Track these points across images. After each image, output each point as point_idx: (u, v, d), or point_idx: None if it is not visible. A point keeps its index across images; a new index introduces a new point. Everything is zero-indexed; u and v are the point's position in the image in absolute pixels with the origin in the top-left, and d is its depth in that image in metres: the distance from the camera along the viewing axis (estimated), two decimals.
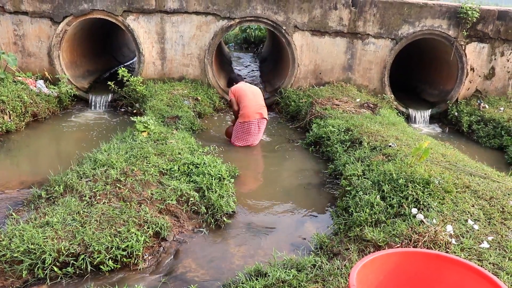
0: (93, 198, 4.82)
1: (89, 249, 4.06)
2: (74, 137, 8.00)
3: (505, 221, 4.35)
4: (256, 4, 9.58)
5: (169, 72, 10.10)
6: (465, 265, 2.86)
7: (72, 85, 9.63)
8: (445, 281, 2.93)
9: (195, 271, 4.24)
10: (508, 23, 10.13)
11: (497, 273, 3.52)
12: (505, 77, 10.64)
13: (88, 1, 9.23)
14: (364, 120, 7.85)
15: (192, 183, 5.48)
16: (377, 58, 10.24)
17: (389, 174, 5.19)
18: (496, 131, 9.14)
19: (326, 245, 4.38)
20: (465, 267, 2.85)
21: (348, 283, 2.62)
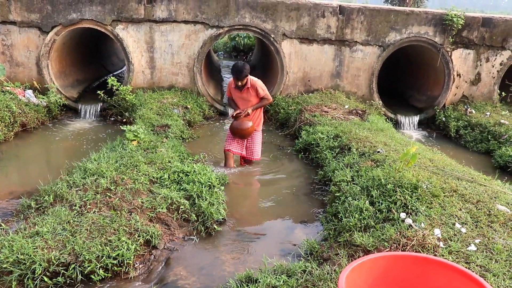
0: (83, 207, 4.81)
1: (79, 258, 4.04)
2: (63, 146, 7.98)
3: (491, 224, 4.42)
4: (245, 13, 9.66)
5: (158, 81, 10.12)
6: (452, 268, 2.90)
7: (61, 95, 9.61)
8: (433, 284, 2.97)
9: (186, 278, 4.25)
10: (492, 30, 10.29)
11: (484, 275, 3.57)
12: (491, 83, 10.79)
13: (77, 11, 9.25)
14: (352, 127, 7.92)
15: (182, 191, 5.49)
16: (365, 65, 10.35)
17: (377, 180, 5.25)
18: (483, 135, 9.26)
19: (316, 251, 4.42)
20: (452, 270, 2.90)
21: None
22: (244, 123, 6.63)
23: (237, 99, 6.75)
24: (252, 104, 6.69)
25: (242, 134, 6.73)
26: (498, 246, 3.96)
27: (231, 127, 6.76)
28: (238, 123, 6.65)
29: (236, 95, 6.70)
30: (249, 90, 6.57)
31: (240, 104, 6.72)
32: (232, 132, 6.78)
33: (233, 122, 6.74)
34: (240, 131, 6.68)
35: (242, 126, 6.64)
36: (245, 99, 6.67)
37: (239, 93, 6.63)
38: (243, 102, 6.70)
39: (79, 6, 9.22)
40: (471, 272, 2.80)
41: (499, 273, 3.59)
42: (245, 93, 6.61)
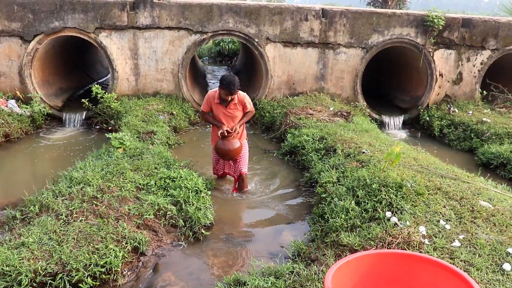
0: (69, 216, 4.78)
1: (66, 267, 4.02)
2: (48, 156, 7.92)
3: (475, 219, 4.50)
4: (228, 18, 9.70)
5: (143, 88, 10.11)
6: (437, 264, 2.95)
7: (45, 104, 9.55)
8: (418, 280, 3.01)
9: (175, 284, 4.26)
10: (472, 30, 10.46)
11: (468, 269, 3.64)
12: (472, 82, 10.96)
13: (59, 19, 9.21)
14: (337, 128, 7.98)
15: (169, 197, 5.49)
16: (348, 67, 10.45)
17: (363, 180, 5.31)
18: (466, 134, 9.39)
19: (304, 252, 4.45)
20: (437, 265, 2.94)
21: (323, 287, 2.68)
22: (233, 143, 5.89)
23: (220, 115, 5.95)
24: (238, 119, 6.03)
25: (232, 156, 6.01)
26: (481, 241, 4.04)
27: (219, 149, 5.94)
28: (226, 144, 5.87)
29: (220, 110, 5.92)
30: (236, 105, 5.92)
31: (225, 121, 5.94)
32: (221, 154, 6.04)
33: (221, 143, 5.89)
34: (230, 152, 5.93)
35: (231, 146, 5.89)
36: (230, 115, 5.95)
37: (223, 108, 5.89)
38: (227, 119, 5.96)
39: (61, 14, 9.18)
40: (455, 267, 2.85)
41: (482, 267, 3.66)
42: (231, 109, 5.92)
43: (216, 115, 6.01)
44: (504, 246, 4.01)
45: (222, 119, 5.96)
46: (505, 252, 3.92)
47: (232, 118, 5.99)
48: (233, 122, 6.00)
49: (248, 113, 6.13)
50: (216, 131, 6.01)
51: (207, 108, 6.05)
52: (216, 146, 6.02)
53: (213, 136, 6.28)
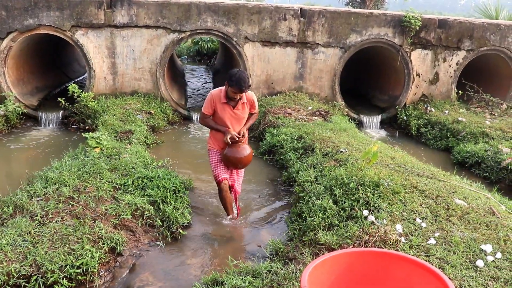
0: (45, 217, 4.70)
1: (41, 269, 3.96)
2: (23, 156, 7.78)
3: (450, 217, 4.57)
4: (207, 17, 9.66)
5: (121, 87, 10.00)
6: (411, 261, 2.99)
7: (20, 103, 9.37)
8: (394, 277, 3.04)
9: (152, 284, 4.23)
10: (448, 31, 10.62)
11: (442, 266, 3.69)
12: (449, 82, 11.12)
13: (34, 16, 9.05)
14: (316, 128, 8.02)
15: (146, 196, 5.45)
16: (327, 66, 10.50)
17: (340, 179, 5.34)
18: (442, 133, 9.54)
19: (282, 251, 4.46)
20: (411, 263, 2.98)
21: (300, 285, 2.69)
22: (244, 149, 5.22)
23: (225, 117, 5.14)
24: (244, 121, 5.34)
25: (244, 164, 5.31)
26: (456, 239, 4.10)
27: (230, 157, 5.19)
28: (236, 151, 5.16)
29: (226, 111, 5.12)
30: (245, 105, 5.21)
31: (230, 124, 5.19)
32: (232, 163, 5.26)
33: (230, 150, 5.18)
34: (242, 160, 5.22)
35: (244, 153, 5.21)
36: (238, 117, 5.22)
37: (230, 109, 5.12)
38: (234, 121, 5.20)
39: (36, 11, 9.02)
40: (428, 265, 2.89)
41: (456, 264, 3.72)
42: (239, 109, 5.18)
43: (221, 117, 5.16)
44: (477, 243, 4.08)
45: (228, 122, 5.17)
46: (478, 249, 3.99)
47: (239, 120, 5.26)
48: (239, 125, 5.27)
49: (254, 114, 5.49)
50: (218, 137, 5.31)
51: (210, 111, 5.18)
52: (225, 155, 5.22)
53: (212, 142, 5.47)
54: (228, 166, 5.35)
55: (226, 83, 4.95)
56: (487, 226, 4.44)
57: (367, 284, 3.08)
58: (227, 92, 5.02)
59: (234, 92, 4.92)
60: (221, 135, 5.23)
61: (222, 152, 5.27)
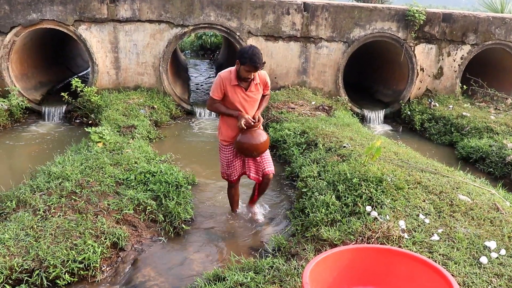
0: (47, 211, 4.71)
1: (44, 264, 3.97)
2: (26, 151, 7.79)
3: (453, 213, 4.54)
4: (210, 11, 9.62)
5: (124, 81, 9.99)
6: (413, 258, 2.98)
7: (24, 98, 9.37)
8: (396, 274, 3.03)
9: (154, 279, 4.23)
10: (452, 25, 10.55)
11: (446, 263, 3.67)
12: (453, 76, 11.06)
13: (37, 11, 9.03)
14: (319, 122, 8.00)
15: (149, 191, 5.43)
16: (330, 61, 10.46)
17: (343, 174, 5.32)
18: (446, 128, 9.48)
19: (284, 247, 4.45)
20: (414, 259, 2.97)
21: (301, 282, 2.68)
22: (260, 135, 4.72)
23: (236, 101, 4.66)
24: (257, 104, 4.87)
25: (261, 150, 4.80)
26: (459, 235, 4.07)
27: (244, 144, 4.69)
28: (253, 137, 4.67)
29: (238, 94, 4.64)
30: (258, 86, 4.72)
31: (244, 107, 4.71)
32: (248, 151, 4.74)
33: (244, 137, 4.68)
34: (259, 146, 4.72)
35: (260, 138, 4.71)
36: (251, 100, 4.73)
37: (242, 91, 4.64)
38: (246, 104, 4.72)
39: (39, 6, 9.00)
40: (431, 261, 2.88)
41: (460, 260, 3.69)
42: (252, 91, 4.69)
43: (232, 101, 4.67)
44: (481, 239, 4.05)
45: (239, 106, 4.68)
46: (482, 245, 3.96)
47: (252, 103, 4.76)
48: (252, 109, 4.79)
49: (267, 96, 5.00)
50: (230, 123, 4.80)
51: (220, 95, 4.67)
52: (238, 142, 4.71)
53: (224, 130, 4.91)
54: (243, 155, 4.88)
55: (237, 62, 4.46)
56: (491, 222, 4.41)
57: (369, 281, 3.07)
58: (239, 72, 4.49)
59: (247, 71, 4.40)
60: (234, 121, 4.72)
61: (235, 140, 4.77)
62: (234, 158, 5.01)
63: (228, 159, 5.00)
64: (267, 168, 4.97)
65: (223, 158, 5.05)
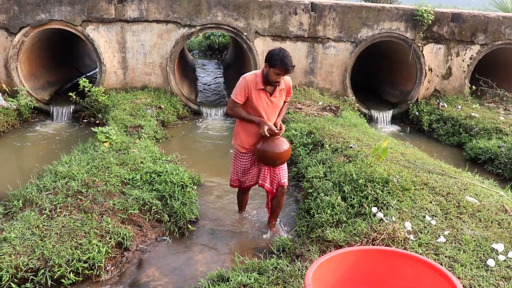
0: (53, 211, 4.73)
1: (49, 263, 3.99)
2: (34, 150, 7.83)
3: (460, 215, 4.49)
4: (217, 11, 9.62)
5: (131, 81, 10.02)
6: (418, 260, 2.94)
7: (32, 97, 9.43)
8: (400, 276, 3.00)
9: (158, 279, 4.22)
10: (461, 25, 10.46)
11: (452, 265, 3.63)
12: (462, 77, 10.97)
13: (46, 11, 9.08)
14: (326, 123, 7.96)
15: (154, 191, 5.43)
16: (338, 61, 10.41)
17: (349, 175, 5.28)
18: (455, 129, 9.40)
19: (289, 248, 4.42)
20: (418, 262, 2.94)
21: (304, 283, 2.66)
22: (283, 143, 4.50)
23: (260, 106, 4.43)
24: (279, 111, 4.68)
25: (284, 159, 4.60)
26: (466, 237, 4.03)
27: (265, 153, 4.46)
28: (275, 145, 4.43)
29: (262, 99, 4.42)
30: (282, 92, 4.55)
31: (267, 113, 4.50)
32: (269, 159, 4.53)
33: (266, 145, 4.44)
34: (283, 155, 4.49)
35: (282, 147, 4.47)
36: (274, 106, 4.53)
37: (266, 96, 4.43)
38: (270, 111, 4.52)
39: (47, 6, 9.05)
40: (436, 264, 2.84)
41: (466, 263, 3.65)
42: (276, 97, 4.50)
43: (255, 106, 4.43)
44: (489, 241, 4.01)
45: (262, 112, 4.46)
46: (489, 247, 3.92)
47: (275, 109, 4.56)
48: (274, 115, 4.59)
49: (286, 103, 4.81)
50: (250, 130, 4.57)
51: (243, 98, 4.41)
52: (261, 150, 4.48)
53: (244, 136, 4.67)
54: (265, 164, 4.66)
55: (266, 65, 4.25)
56: (499, 224, 4.36)
57: (373, 283, 3.04)
58: (267, 76, 4.28)
59: (277, 74, 4.21)
60: (254, 128, 4.50)
61: (256, 148, 4.55)
62: (252, 167, 4.81)
63: (245, 167, 4.79)
64: (282, 180, 4.81)
65: (238, 166, 4.83)
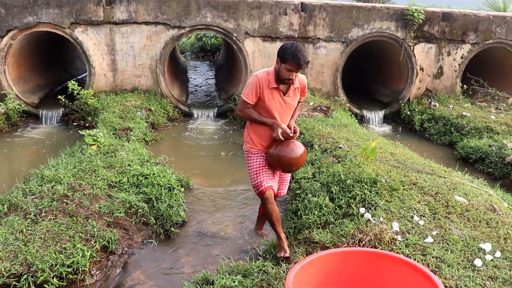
0: (38, 215, 4.66)
1: (32, 268, 3.92)
2: (23, 154, 7.75)
3: (449, 215, 4.46)
4: (206, 12, 9.57)
5: (121, 84, 9.95)
6: (402, 261, 2.90)
7: (21, 101, 9.33)
8: (385, 278, 2.96)
9: (144, 283, 4.17)
10: (452, 24, 10.46)
11: (439, 266, 3.59)
12: (453, 76, 10.96)
13: (33, 14, 9.00)
14: (316, 123, 7.92)
15: (141, 194, 5.38)
16: (328, 61, 10.38)
17: (337, 175, 5.25)
18: (446, 128, 9.39)
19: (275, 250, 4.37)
20: (402, 263, 2.90)
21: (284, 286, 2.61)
22: (298, 147, 4.10)
23: (273, 107, 4.06)
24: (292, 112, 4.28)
25: (298, 165, 4.17)
26: (454, 237, 4.00)
27: (279, 158, 4.05)
28: (290, 150, 4.03)
29: (275, 99, 4.05)
30: (296, 91, 4.17)
31: (281, 114, 4.11)
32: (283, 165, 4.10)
33: (280, 149, 4.04)
34: (296, 161, 4.07)
35: (297, 152, 4.07)
36: (288, 106, 4.15)
37: (280, 95, 4.06)
38: (284, 112, 4.14)
39: (35, 9, 8.97)
40: (419, 265, 2.81)
41: (453, 263, 3.62)
42: (290, 96, 4.13)
43: (267, 106, 4.05)
44: (476, 241, 3.98)
45: (275, 113, 4.08)
46: (477, 247, 3.89)
47: (289, 110, 4.18)
48: (288, 116, 4.21)
49: (300, 103, 4.42)
50: (261, 132, 4.18)
51: (254, 98, 4.04)
52: (274, 155, 4.06)
53: (256, 139, 4.26)
54: (277, 169, 4.25)
55: (277, 60, 3.89)
56: (487, 224, 4.33)
57: (357, 285, 2.99)
58: (279, 73, 3.90)
59: (289, 70, 3.82)
60: (267, 130, 4.11)
61: (268, 152, 4.14)
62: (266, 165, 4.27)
63: (260, 163, 4.24)
64: (282, 190, 4.54)
65: (253, 165, 4.27)
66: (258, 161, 4.24)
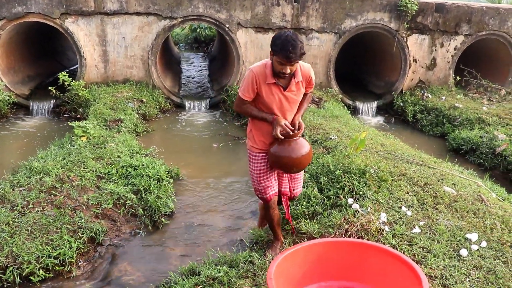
0: (25, 207, 4.64)
1: (18, 260, 3.92)
2: (12, 146, 7.70)
3: (437, 205, 4.47)
4: (198, 3, 9.49)
5: (112, 75, 9.88)
6: (386, 252, 2.91)
7: (11, 92, 9.24)
8: (369, 268, 2.96)
9: (131, 274, 4.17)
10: (445, 15, 10.42)
11: (425, 256, 3.60)
12: (446, 67, 10.95)
13: (22, 4, 8.90)
14: (307, 114, 7.90)
15: (130, 185, 5.36)
16: (321, 52, 10.33)
17: (326, 166, 5.24)
18: (438, 119, 9.39)
19: (262, 240, 4.36)
20: (386, 254, 2.90)
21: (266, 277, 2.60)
22: (302, 146, 3.64)
23: (274, 103, 3.61)
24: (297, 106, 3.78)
25: (304, 165, 3.75)
26: (441, 227, 4.01)
27: (279, 158, 3.63)
28: (291, 149, 3.58)
29: (275, 95, 3.60)
30: (300, 85, 3.66)
31: (282, 110, 3.66)
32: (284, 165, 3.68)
33: (281, 148, 3.61)
34: (298, 162, 3.63)
35: (299, 152, 3.60)
36: (290, 101, 3.66)
37: (280, 92, 3.59)
38: (286, 107, 3.66)
39: None
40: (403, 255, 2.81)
41: (439, 253, 3.63)
42: (292, 91, 3.64)
43: (266, 103, 3.63)
44: (463, 231, 3.99)
45: (276, 109, 3.65)
46: (463, 237, 3.90)
47: (292, 105, 3.70)
48: (291, 112, 3.73)
49: (309, 94, 3.88)
50: (263, 129, 3.75)
51: (251, 95, 3.63)
52: (274, 154, 3.66)
53: (257, 136, 3.85)
54: (281, 170, 3.87)
55: (271, 53, 3.44)
56: (475, 214, 4.35)
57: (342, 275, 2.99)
58: (274, 66, 3.47)
59: (280, 63, 3.36)
60: (267, 126, 3.69)
61: (269, 151, 3.73)
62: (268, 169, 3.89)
63: (261, 169, 3.86)
64: (295, 189, 4.11)
65: (255, 169, 3.90)
66: (259, 166, 3.86)
